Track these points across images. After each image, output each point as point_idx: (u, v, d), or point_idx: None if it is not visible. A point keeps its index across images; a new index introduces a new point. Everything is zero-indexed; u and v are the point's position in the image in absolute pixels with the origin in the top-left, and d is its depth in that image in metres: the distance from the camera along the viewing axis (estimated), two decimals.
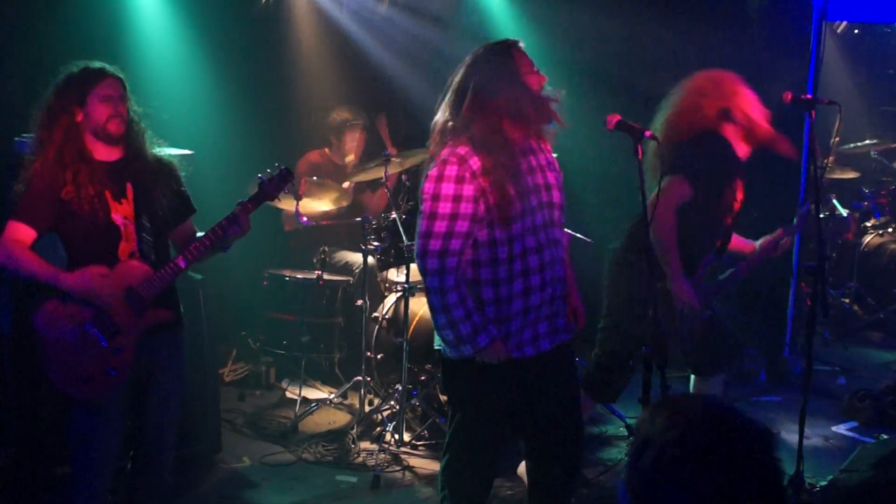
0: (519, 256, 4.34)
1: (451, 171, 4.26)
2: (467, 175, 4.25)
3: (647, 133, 4.33)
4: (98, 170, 4.36)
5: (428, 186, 4.30)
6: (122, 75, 4.46)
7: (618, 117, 4.37)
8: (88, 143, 4.37)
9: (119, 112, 4.37)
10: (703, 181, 5.46)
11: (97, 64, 4.43)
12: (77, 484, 4.49)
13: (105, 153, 4.42)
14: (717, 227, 5.61)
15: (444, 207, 4.27)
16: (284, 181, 4.68)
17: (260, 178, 4.67)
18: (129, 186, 4.44)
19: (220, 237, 4.48)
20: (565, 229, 4.69)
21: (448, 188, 4.26)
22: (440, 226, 4.27)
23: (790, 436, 6.54)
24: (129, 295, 4.35)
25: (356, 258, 7.57)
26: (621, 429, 6.84)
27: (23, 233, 4.30)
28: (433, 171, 4.30)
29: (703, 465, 1.96)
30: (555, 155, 4.59)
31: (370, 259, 7.10)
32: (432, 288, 4.33)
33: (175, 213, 4.63)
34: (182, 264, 4.42)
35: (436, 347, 4.59)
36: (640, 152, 4.35)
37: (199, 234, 4.71)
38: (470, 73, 4.38)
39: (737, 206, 5.69)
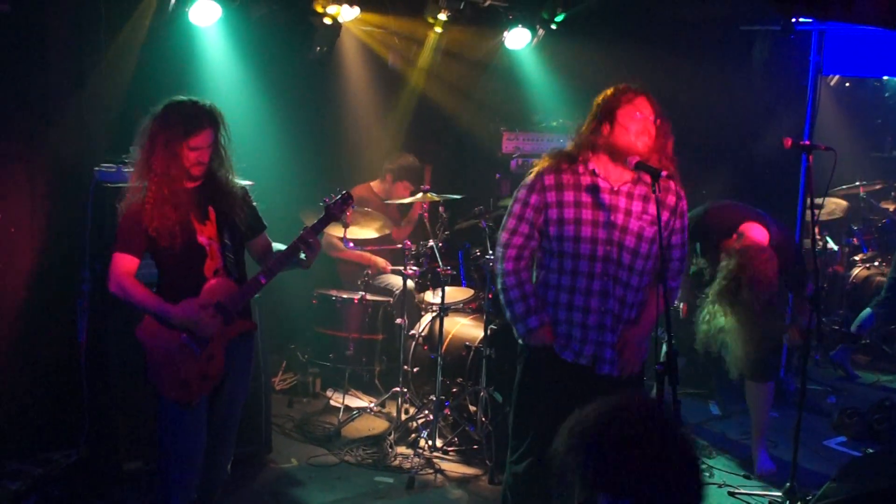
0: (569, 272, 4.38)
1: (529, 179, 4.44)
2: (538, 185, 4.38)
3: (664, 172, 4.28)
4: (185, 197, 4.34)
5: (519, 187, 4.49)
6: (220, 117, 4.41)
7: (637, 157, 4.32)
8: (180, 176, 4.33)
9: (202, 161, 4.35)
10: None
11: (200, 104, 4.35)
12: (172, 477, 4.41)
13: (189, 182, 4.40)
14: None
15: (515, 208, 4.44)
16: (346, 203, 4.74)
17: (325, 201, 4.73)
18: (210, 210, 4.45)
19: (291, 256, 4.52)
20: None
21: (521, 192, 4.44)
22: (510, 222, 4.44)
23: (786, 449, 6.47)
24: (218, 308, 4.36)
25: (396, 280, 7.54)
26: None
27: (128, 263, 4.30)
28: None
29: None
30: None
31: (409, 282, 7.07)
32: (497, 271, 4.49)
33: (250, 229, 4.66)
34: (263, 280, 4.46)
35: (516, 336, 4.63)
36: (657, 189, 4.30)
37: (277, 244, 4.80)
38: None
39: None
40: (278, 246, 4.81)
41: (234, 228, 4.53)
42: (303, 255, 4.56)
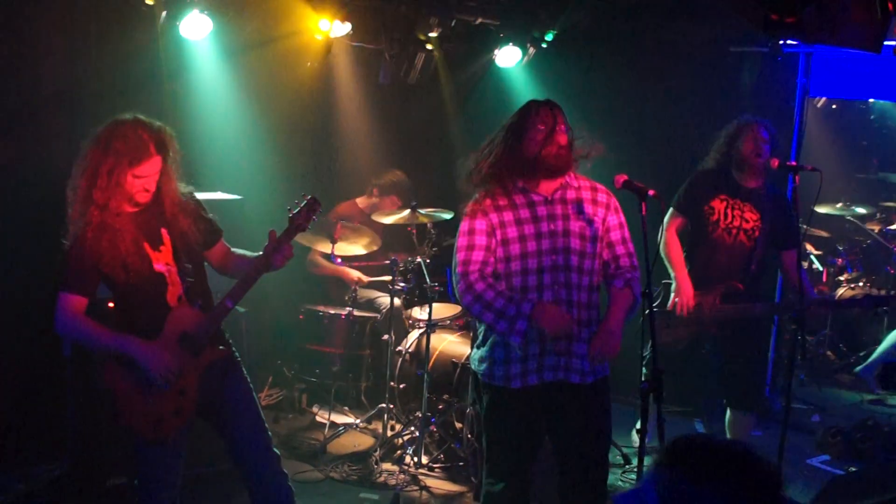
0: (519, 290, 4.30)
1: (467, 210, 4.39)
2: (479, 212, 4.33)
3: (651, 192, 4.27)
4: (131, 224, 4.09)
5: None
6: (169, 139, 4.13)
7: (625, 177, 4.33)
8: (123, 205, 4.09)
9: (149, 189, 4.09)
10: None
11: (147, 127, 4.06)
12: None
13: (133, 208, 4.14)
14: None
15: (462, 241, 4.36)
16: (312, 211, 4.40)
17: (289, 210, 4.40)
18: (164, 232, 4.20)
19: (256, 277, 4.25)
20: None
21: (464, 226, 4.37)
22: (461, 254, 4.34)
23: None
24: (184, 339, 4.15)
25: (384, 297, 7.50)
26: (618, 457, 6.73)
27: (76, 303, 4.06)
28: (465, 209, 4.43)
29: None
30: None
31: (396, 298, 7.03)
32: (460, 293, 4.36)
33: (207, 241, 4.38)
34: (230, 304, 4.21)
35: (473, 369, 4.56)
36: (643, 209, 4.29)
37: (236, 250, 4.53)
38: (504, 126, 4.38)
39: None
40: (240, 252, 4.52)
41: (191, 250, 4.27)
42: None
